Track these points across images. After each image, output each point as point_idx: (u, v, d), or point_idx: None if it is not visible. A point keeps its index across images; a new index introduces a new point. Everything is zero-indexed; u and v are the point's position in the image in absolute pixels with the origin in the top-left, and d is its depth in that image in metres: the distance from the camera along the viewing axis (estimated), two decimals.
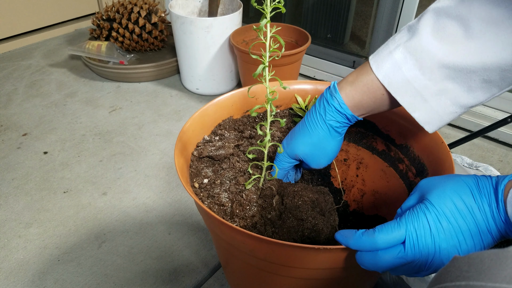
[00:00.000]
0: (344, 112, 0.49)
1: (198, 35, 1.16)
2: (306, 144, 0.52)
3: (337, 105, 0.48)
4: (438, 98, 0.44)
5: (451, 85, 0.43)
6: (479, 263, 0.23)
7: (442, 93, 0.44)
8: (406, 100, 0.45)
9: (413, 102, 0.45)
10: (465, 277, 0.23)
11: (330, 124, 0.50)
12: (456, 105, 0.44)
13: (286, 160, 0.56)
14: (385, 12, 1.16)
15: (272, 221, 0.51)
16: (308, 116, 0.52)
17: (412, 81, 0.44)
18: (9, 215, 0.87)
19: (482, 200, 0.36)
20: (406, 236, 0.36)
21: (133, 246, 0.79)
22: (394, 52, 0.44)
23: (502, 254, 0.23)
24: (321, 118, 0.50)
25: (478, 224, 0.35)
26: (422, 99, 0.44)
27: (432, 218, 0.36)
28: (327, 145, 0.52)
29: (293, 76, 1.19)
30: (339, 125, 0.50)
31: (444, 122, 0.46)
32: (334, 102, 0.49)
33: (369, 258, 0.38)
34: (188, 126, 0.57)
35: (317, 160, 0.53)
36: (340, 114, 0.49)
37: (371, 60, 0.47)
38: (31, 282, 0.72)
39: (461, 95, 0.43)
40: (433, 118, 0.45)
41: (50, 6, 1.69)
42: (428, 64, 0.43)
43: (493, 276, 0.22)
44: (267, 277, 0.48)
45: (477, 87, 0.42)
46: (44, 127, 1.16)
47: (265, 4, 0.42)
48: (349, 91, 0.48)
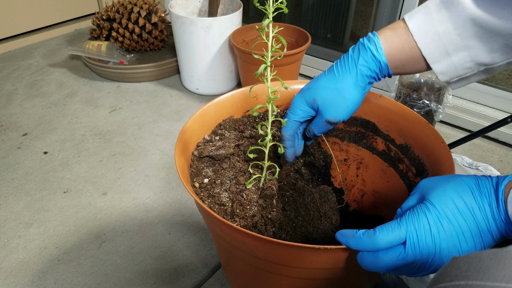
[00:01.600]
0: (379, 58, 0.47)
1: (198, 35, 1.16)
2: (328, 89, 0.49)
3: (374, 50, 0.47)
4: (461, 53, 0.45)
5: (476, 43, 0.44)
6: (478, 262, 0.23)
7: (466, 49, 0.45)
8: (429, 51, 0.46)
9: (437, 54, 0.46)
10: (464, 277, 0.23)
11: (361, 70, 0.48)
12: (473, 62, 0.46)
13: (301, 107, 0.52)
14: (385, 12, 1.16)
15: (273, 220, 0.51)
16: (338, 62, 0.50)
17: (442, 34, 0.45)
18: (9, 215, 0.86)
19: (482, 200, 0.36)
20: (406, 237, 0.36)
21: (133, 246, 0.79)
22: (429, 4, 0.45)
23: (501, 254, 0.23)
24: (353, 62, 0.48)
25: (478, 224, 0.35)
26: (445, 52, 0.46)
27: (432, 218, 0.36)
28: (350, 94, 0.49)
29: (293, 76, 1.19)
30: (370, 74, 0.48)
31: (458, 75, 0.47)
32: (371, 45, 0.47)
33: (370, 259, 0.38)
34: (188, 126, 0.57)
35: (336, 109, 0.50)
36: (374, 60, 0.47)
37: (405, 15, 0.47)
38: (31, 282, 0.72)
39: (481, 54, 0.45)
40: (449, 70, 0.47)
41: (50, 6, 1.69)
42: (461, 20, 0.44)
43: (492, 276, 0.22)
44: (267, 277, 0.48)
45: (498, 49, 0.44)
46: (44, 127, 1.16)
47: (267, 4, 0.42)
48: (389, 35, 0.47)
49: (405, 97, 0.99)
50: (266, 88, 0.48)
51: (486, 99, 1.13)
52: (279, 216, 0.53)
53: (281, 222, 0.53)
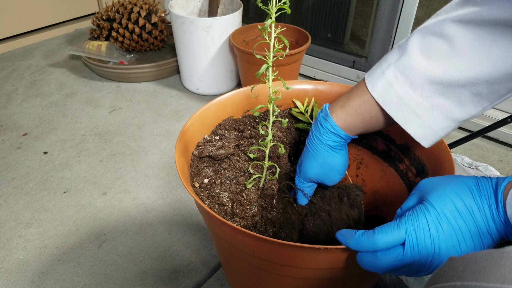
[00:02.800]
0: (337, 133, 0.51)
1: (198, 35, 1.16)
2: (314, 167, 0.55)
3: (330, 127, 0.51)
4: (431, 113, 0.45)
5: (442, 100, 0.44)
6: (474, 263, 0.23)
7: (434, 108, 0.44)
8: (400, 116, 0.46)
9: (407, 118, 0.46)
10: (460, 277, 0.23)
11: (328, 144, 0.52)
12: (449, 120, 0.45)
13: (306, 185, 0.58)
14: (385, 12, 1.17)
15: (273, 220, 0.51)
16: (308, 141, 0.55)
17: (404, 98, 0.45)
18: (9, 215, 0.86)
19: (482, 201, 0.36)
20: (405, 238, 0.36)
21: (133, 246, 0.79)
22: (386, 71, 0.46)
23: (497, 255, 0.23)
24: (319, 140, 0.52)
25: (478, 225, 0.35)
26: (415, 115, 0.45)
27: (432, 219, 0.36)
28: (333, 162, 0.54)
29: (293, 76, 1.19)
30: (336, 144, 0.52)
31: (439, 136, 0.47)
32: (327, 125, 0.51)
33: (369, 259, 0.38)
34: (188, 126, 0.57)
35: (330, 178, 0.56)
36: (334, 135, 0.51)
37: (366, 80, 0.48)
38: (31, 282, 0.72)
39: (453, 110, 0.44)
40: (428, 133, 0.46)
41: (50, 6, 1.69)
42: (418, 81, 0.44)
43: (487, 276, 0.22)
44: (267, 277, 0.48)
45: (468, 101, 0.43)
46: (44, 127, 1.16)
47: (270, 4, 0.42)
48: (340, 114, 0.50)
49: None
50: (267, 88, 0.48)
51: None
52: (279, 216, 0.53)
53: (281, 222, 0.53)
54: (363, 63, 1.30)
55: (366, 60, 1.29)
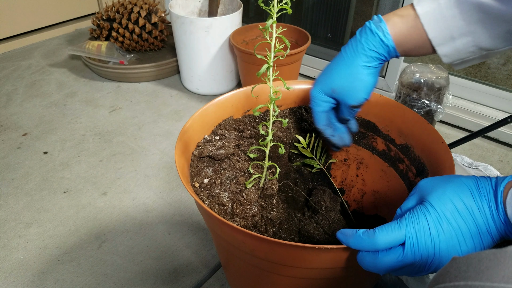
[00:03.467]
0: (387, 43, 0.48)
1: (198, 35, 1.16)
2: (344, 76, 0.51)
3: (382, 35, 0.48)
4: (465, 38, 0.46)
5: (480, 29, 0.45)
6: (477, 263, 0.23)
7: (470, 34, 0.46)
8: (435, 34, 0.47)
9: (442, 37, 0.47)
10: (463, 277, 0.23)
11: (370, 54, 0.49)
12: (476, 46, 0.47)
13: (322, 98, 0.54)
14: (385, 12, 1.16)
15: (273, 220, 0.51)
16: (347, 48, 0.51)
17: (448, 19, 0.46)
18: (9, 215, 0.86)
19: (482, 201, 0.36)
20: (406, 238, 0.36)
21: (133, 246, 0.79)
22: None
23: (500, 254, 0.23)
24: (362, 47, 0.49)
25: (478, 225, 0.35)
26: (451, 36, 0.47)
27: (432, 219, 0.36)
28: (366, 76, 0.50)
29: (293, 76, 1.19)
30: (378, 57, 0.50)
31: (461, 58, 0.49)
32: (379, 31, 0.48)
33: (369, 259, 0.38)
34: (188, 126, 0.57)
35: (356, 94, 0.51)
36: (382, 45, 0.49)
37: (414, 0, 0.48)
38: (31, 282, 0.72)
39: (484, 40, 0.46)
40: (453, 53, 0.48)
41: (50, 6, 1.69)
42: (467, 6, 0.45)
43: (491, 276, 0.22)
44: (267, 276, 0.48)
45: (501, 36, 0.45)
46: (44, 127, 1.16)
47: (272, 4, 0.42)
48: (397, 22, 0.48)
49: (405, 97, 1.00)
50: (267, 88, 0.48)
51: (486, 99, 1.13)
52: (279, 216, 0.53)
53: (281, 222, 0.54)
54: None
55: None
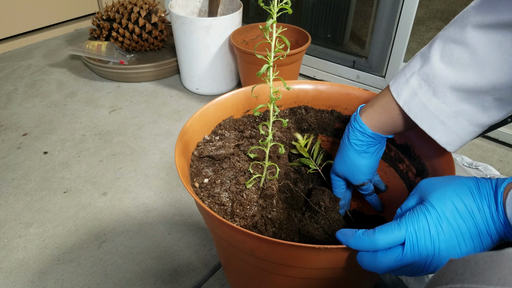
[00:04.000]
0: (364, 131, 0.52)
1: (198, 35, 1.16)
2: (341, 163, 0.57)
3: (358, 126, 0.53)
4: (455, 119, 0.45)
5: (465, 107, 0.44)
6: (474, 265, 0.23)
7: (458, 115, 0.45)
8: (425, 123, 0.47)
9: (432, 125, 0.46)
10: (460, 280, 0.23)
11: (354, 143, 0.54)
12: (473, 125, 0.45)
13: (336, 180, 0.61)
14: (385, 12, 1.16)
15: (273, 220, 0.51)
16: (341, 139, 0.57)
17: (428, 106, 0.46)
18: (9, 215, 0.86)
19: (482, 202, 0.36)
20: (406, 238, 0.36)
21: (133, 246, 0.79)
22: (410, 80, 0.47)
23: (497, 257, 0.23)
24: (347, 138, 0.55)
25: (478, 226, 0.35)
26: (439, 121, 0.46)
27: (432, 219, 0.36)
28: (358, 163, 0.55)
29: (293, 76, 1.19)
30: (363, 143, 0.53)
31: (465, 141, 0.47)
32: (355, 123, 0.53)
33: (369, 259, 0.38)
34: (188, 126, 0.57)
35: (354, 176, 0.57)
36: (361, 134, 0.53)
37: (391, 88, 0.49)
38: (31, 282, 0.72)
39: (477, 115, 0.44)
40: (453, 139, 0.47)
41: (50, 6, 1.69)
42: (440, 89, 0.44)
43: (487, 279, 0.22)
44: (267, 276, 0.48)
45: (491, 106, 0.43)
46: (44, 127, 1.16)
47: (272, 4, 0.42)
48: (369, 112, 0.52)
49: None
50: (267, 88, 0.48)
51: None
52: (279, 216, 0.53)
53: (281, 222, 0.53)
54: (363, 63, 1.30)
55: (366, 60, 1.29)
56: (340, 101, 0.66)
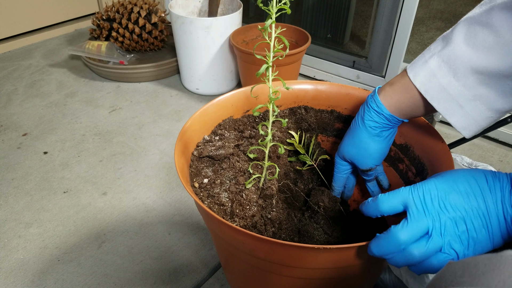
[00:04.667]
0: (381, 111, 0.50)
1: (198, 35, 1.16)
2: (350, 145, 0.55)
3: (375, 106, 0.50)
4: (473, 103, 0.45)
5: (485, 91, 0.44)
6: (473, 268, 0.23)
7: (477, 99, 0.44)
8: (442, 106, 0.46)
9: (449, 108, 0.46)
10: (459, 282, 0.23)
11: (369, 124, 0.52)
12: (491, 110, 0.45)
13: (341, 164, 0.59)
14: (385, 12, 1.16)
15: (273, 220, 0.51)
16: (355, 117, 0.55)
17: (447, 88, 0.45)
18: (9, 215, 0.86)
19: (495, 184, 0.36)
20: (408, 201, 0.38)
21: (133, 246, 0.79)
22: (429, 61, 0.46)
23: (496, 259, 0.23)
24: (361, 119, 0.53)
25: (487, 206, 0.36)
26: (457, 105, 0.45)
27: (440, 184, 0.37)
28: (369, 146, 0.53)
29: (293, 76, 1.19)
30: (378, 126, 0.52)
31: (481, 127, 0.46)
32: (372, 103, 0.51)
33: (401, 257, 0.38)
34: (188, 126, 0.57)
35: (362, 160, 0.55)
36: (377, 114, 0.51)
37: (408, 69, 0.48)
38: (31, 282, 0.72)
39: (495, 100, 0.44)
40: (469, 123, 0.46)
41: (50, 6, 1.69)
42: (461, 71, 0.44)
43: (486, 281, 0.22)
44: (267, 277, 0.48)
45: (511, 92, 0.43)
46: (44, 127, 1.16)
47: (271, 5, 0.42)
48: (388, 91, 0.50)
49: None
50: (267, 88, 0.48)
51: None
52: (278, 216, 0.53)
53: (281, 222, 0.53)
54: (363, 63, 1.30)
55: (366, 60, 1.29)
56: (340, 101, 0.66)
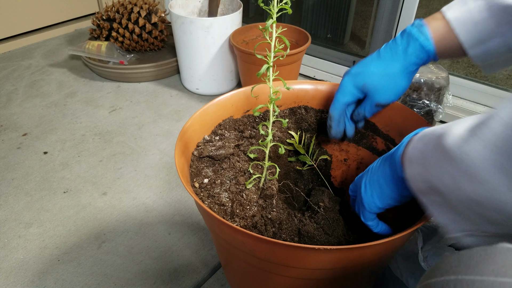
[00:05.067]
0: (428, 48, 0.49)
1: (198, 35, 1.16)
2: (379, 75, 0.52)
3: (423, 40, 0.49)
4: (496, 40, 0.46)
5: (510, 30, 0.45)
6: (468, 259, 0.24)
7: (501, 36, 0.46)
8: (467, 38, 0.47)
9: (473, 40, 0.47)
10: (454, 272, 0.24)
11: (411, 58, 0.50)
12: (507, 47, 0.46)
13: (351, 90, 0.55)
14: (385, 12, 1.16)
15: (273, 220, 0.51)
16: (387, 48, 0.52)
17: (479, 22, 0.46)
18: (9, 215, 0.86)
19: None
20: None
21: (133, 246, 0.79)
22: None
23: (491, 250, 0.24)
24: (403, 51, 0.50)
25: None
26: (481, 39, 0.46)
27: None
28: (400, 80, 0.52)
29: (293, 76, 1.19)
30: (418, 62, 0.50)
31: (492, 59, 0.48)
32: (421, 36, 0.49)
33: None
34: (188, 126, 0.57)
35: (386, 93, 0.53)
36: (423, 50, 0.49)
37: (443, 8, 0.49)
38: (31, 282, 0.72)
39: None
40: (484, 55, 0.47)
41: (50, 6, 1.69)
42: (497, 8, 0.45)
43: (481, 270, 0.23)
44: (267, 277, 0.48)
45: None
46: (44, 127, 1.16)
47: (271, 4, 0.42)
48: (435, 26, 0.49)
49: (405, 97, 0.99)
50: (267, 88, 0.48)
51: (486, 99, 1.13)
52: (279, 216, 0.53)
53: (281, 222, 0.53)
54: None
55: None
56: None
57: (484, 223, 0.30)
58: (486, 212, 0.28)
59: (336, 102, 0.57)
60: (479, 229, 0.31)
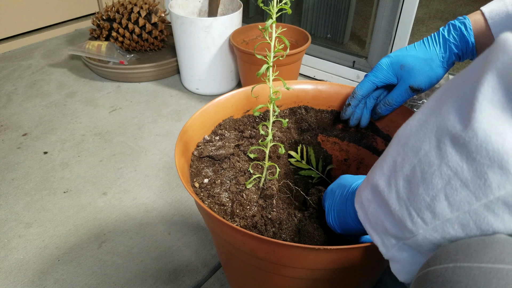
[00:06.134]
0: (468, 38, 0.49)
1: (198, 35, 1.16)
2: (418, 58, 0.53)
3: (464, 29, 0.50)
4: None
5: None
6: (466, 247, 0.25)
7: None
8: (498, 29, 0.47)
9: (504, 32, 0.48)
10: (452, 260, 0.25)
11: (450, 46, 0.51)
12: None
13: (385, 71, 0.56)
14: (385, 12, 1.16)
15: (273, 220, 0.51)
16: (428, 38, 0.53)
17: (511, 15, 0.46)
18: (9, 215, 0.86)
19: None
20: None
21: (133, 246, 0.79)
22: None
23: (488, 240, 0.25)
24: (444, 38, 0.51)
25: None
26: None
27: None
28: (437, 67, 0.52)
29: (293, 76, 1.19)
30: (456, 52, 0.51)
31: None
32: (462, 25, 0.50)
33: None
34: (188, 126, 0.57)
35: (421, 77, 0.53)
36: (463, 40, 0.50)
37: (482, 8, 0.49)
38: (31, 282, 0.72)
39: None
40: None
41: (50, 6, 1.69)
42: None
43: (479, 258, 0.24)
44: (267, 277, 0.48)
45: None
46: (44, 127, 1.16)
47: (271, 5, 0.42)
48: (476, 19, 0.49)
49: None
50: (267, 88, 0.48)
51: None
52: (279, 216, 0.53)
53: (281, 222, 0.53)
54: (363, 63, 1.30)
55: (366, 60, 1.29)
56: (340, 101, 0.66)
57: None
58: None
59: (366, 80, 0.57)
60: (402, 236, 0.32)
